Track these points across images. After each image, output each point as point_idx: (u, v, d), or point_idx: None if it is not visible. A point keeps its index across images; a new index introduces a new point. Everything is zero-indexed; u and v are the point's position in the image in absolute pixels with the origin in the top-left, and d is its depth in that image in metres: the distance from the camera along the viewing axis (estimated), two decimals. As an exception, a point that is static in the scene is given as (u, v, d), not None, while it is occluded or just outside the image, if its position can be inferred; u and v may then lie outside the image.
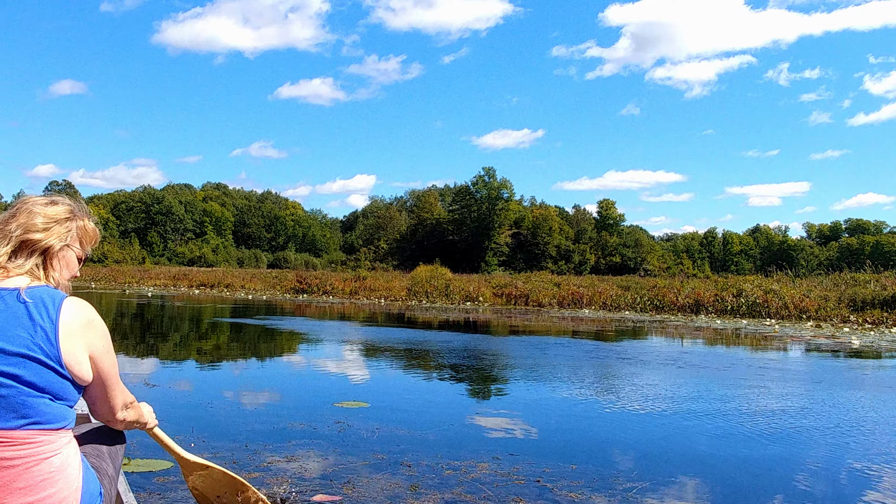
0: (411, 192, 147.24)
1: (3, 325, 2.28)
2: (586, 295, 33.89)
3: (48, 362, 2.29)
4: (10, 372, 2.24)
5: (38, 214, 2.55)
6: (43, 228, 2.53)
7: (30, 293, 2.36)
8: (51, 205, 2.62)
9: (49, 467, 2.29)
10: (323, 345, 15.09)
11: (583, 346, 15.96)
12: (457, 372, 11.32)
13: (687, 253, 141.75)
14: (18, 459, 2.24)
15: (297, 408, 7.82)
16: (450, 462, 5.61)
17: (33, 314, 2.31)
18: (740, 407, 8.50)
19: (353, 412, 7.52)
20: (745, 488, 5.19)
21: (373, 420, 7.14)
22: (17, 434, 2.24)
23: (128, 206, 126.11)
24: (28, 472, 2.25)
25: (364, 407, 7.86)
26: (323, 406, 7.88)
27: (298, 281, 43.73)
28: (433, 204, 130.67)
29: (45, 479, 2.28)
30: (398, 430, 6.72)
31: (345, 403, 7.99)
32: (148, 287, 47.82)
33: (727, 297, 29.72)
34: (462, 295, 36.47)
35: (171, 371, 10.83)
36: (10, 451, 2.23)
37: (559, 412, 8.01)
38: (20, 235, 2.49)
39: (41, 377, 2.28)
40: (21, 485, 2.23)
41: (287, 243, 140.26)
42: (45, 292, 2.39)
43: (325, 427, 6.74)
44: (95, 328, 2.47)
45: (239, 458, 5.57)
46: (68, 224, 2.62)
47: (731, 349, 15.92)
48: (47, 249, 2.53)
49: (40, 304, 2.34)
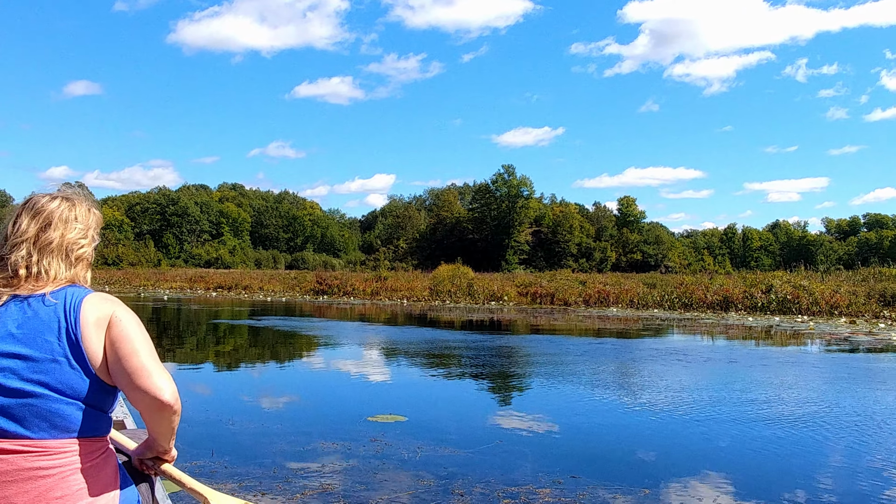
0: (430, 190, 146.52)
1: (30, 332, 2.24)
2: (613, 293, 33.25)
3: (76, 365, 2.24)
4: (39, 379, 2.20)
5: (74, 222, 2.51)
6: (83, 237, 2.52)
7: (55, 295, 2.33)
8: (76, 207, 2.56)
9: (86, 476, 2.25)
10: (349, 350, 14.42)
11: (624, 347, 15.22)
12: (496, 379, 10.65)
13: (708, 249, 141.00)
14: (54, 469, 2.19)
15: (327, 424, 7.08)
16: (505, 489, 4.97)
17: (59, 317, 2.28)
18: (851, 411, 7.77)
19: (389, 428, 6.84)
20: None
21: (412, 437, 6.46)
22: (52, 443, 2.20)
23: (143, 208, 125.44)
24: (64, 481, 2.20)
25: (401, 421, 7.17)
26: (356, 421, 7.17)
27: (318, 282, 43.09)
28: (453, 202, 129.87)
29: (81, 488, 2.23)
30: (441, 448, 6.04)
31: (379, 417, 7.30)
32: (164, 290, 47.17)
33: (756, 293, 29.03)
34: (486, 294, 35.84)
35: (188, 383, 10.11)
36: (45, 460, 2.18)
37: (619, 424, 7.32)
38: (64, 249, 2.46)
39: (70, 383, 2.23)
40: (58, 494, 2.18)
41: (305, 244, 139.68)
42: (68, 293, 2.35)
43: (360, 447, 6.05)
44: (117, 318, 2.35)
45: (268, 486, 4.95)
46: (95, 224, 2.62)
47: (784, 348, 15.19)
48: (83, 255, 2.52)
49: (64, 306, 2.30)
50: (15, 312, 2.30)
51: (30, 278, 2.38)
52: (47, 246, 2.43)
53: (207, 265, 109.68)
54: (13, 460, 2.17)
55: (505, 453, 5.98)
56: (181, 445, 5.19)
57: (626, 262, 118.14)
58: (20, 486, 2.18)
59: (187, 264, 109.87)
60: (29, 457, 2.18)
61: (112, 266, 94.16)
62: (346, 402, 8.47)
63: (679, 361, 12.62)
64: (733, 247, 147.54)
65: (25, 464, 2.18)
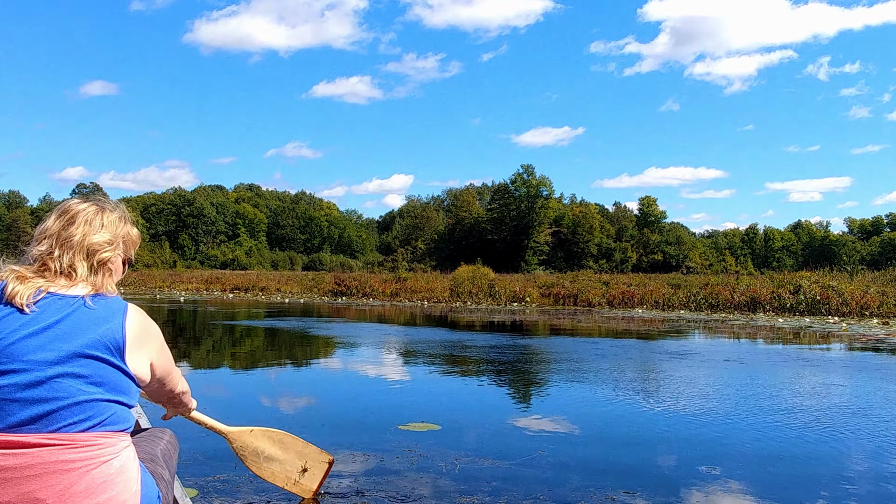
0: (449, 191, 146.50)
1: (71, 328, 2.30)
2: (637, 294, 32.79)
3: (116, 362, 2.33)
4: (78, 373, 2.25)
5: (100, 227, 2.59)
6: (107, 242, 2.58)
7: (95, 301, 2.40)
8: (105, 213, 2.65)
9: (109, 469, 2.28)
10: (372, 353, 13.97)
11: (658, 349, 14.73)
12: (528, 384, 10.18)
13: (729, 250, 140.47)
14: (79, 462, 2.22)
15: (356, 433, 6.58)
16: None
17: (100, 317, 2.35)
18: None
19: (422, 437, 6.35)
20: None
21: (448, 447, 5.99)
22: (80, 436, 2.24)
23: (158, 209, 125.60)
24: (89, 474, 2.23)
25: (434, 430, 6.68)
26: (386, 430, 6.67)
27: (337, 283, 42.64)
28: (471, 203, 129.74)
29: (105, 481, 2.27)
30: (480, 460, 5.57)
31: (411, 426, 6.80)
32: (180, 291, 46.69)
33: (784, 294, 28.53)
34: (508, 295, 35.35)
35: (206, 388, 9.69)
36: (71, 453, 2.22)
37: (673, 433, 6.81)
38: (85, 248, 2.51)
39: (108, 379, 2.31)
40: (81, 487, 2.22)
41: (322, 245, 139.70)
42: (109, 300, 2.44)
43: (393, 458, 5.59)
44: (154, 335, 2.54)
45: (297, 501, 4.52)
46: (124, 235, 2.70)
47: (817, 351, 14.64)
48: (108, 261, 2.57)
49: (106, 311, 2.39)
50: (55, 309, 2.34)
51: (59, 275, 2.44)
52: (68, 242, 2.50)
53: (223, 266, 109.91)
54: (38, 454, 2.20)
55: (549, 465, 5.50)
56: (203, 457, 4.70)
57: (646, 262, 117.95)
58: (44, 480, 2.20)
59: (203, 265, 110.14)
60: (54, 450, 2.20)
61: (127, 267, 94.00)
62: (374, 409, 7.98)
63: (741, 364, 12.15)
64: (755, 247, 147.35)
65: (50, 457, 2.20)
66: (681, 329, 20.21)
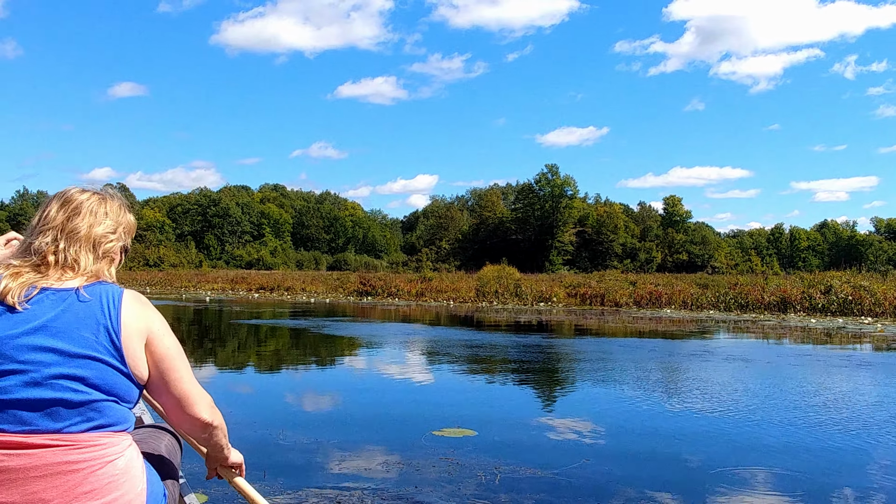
0: (473, 191, 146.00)
1: (66, 327, 2.24)
2: (664, 294, 32.38)
3: (113, 362, 2.26)
4: (75, 374, 2.19)
5: (104, 217, 2.54)
6: (111, 232, 2.54)
7: (89, 290, 2.33)
8: (107, 202, 2.59)
9: (114, 470, 2.24)
10: (401, 354, 13.73)
11: (693, 350, 14.36)
12: (563, 387, 9.93)
13: (755, 250, 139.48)
14: (83, 463, 2.18)
15: (388, 439, 6.33)
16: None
17: (95, 313, 2.28)
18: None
19: (458, 444, 6.08)
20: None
21: (486, 454, 5.72)
22: (83, 437, 2.20)
23: (184, 209, 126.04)
24: (93, 475, 2.19)
25: (470, 436, 6.41)
26: (420, 436, 6.40)
27: (362, 283, 42.47)
28: (495, 203, 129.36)
29: (110, 481, 2.22)
30: (522, 469, 5.30)
31: (446, 431, 6.54)
32: (205, 291, 46.72)
33: (815, 294, 28.15)
34: (534, 295, 35.04)
35: (232, 391, 9.50)
36: (75, 454, 2.17)
37: (723, 440, 6.50)
38: (91, 240, 2.46)
39: (107, 378, 2.25)
40: (87, 488, 2.17)
41: (347, 245, 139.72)
42: (103, 289, 2.36)
43: (430, 466, 5.33)
44: (153, 319, 2.41)
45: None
46: (125, 224, 2.63)
47: (853, 351, 14.25)
48: (111, 251, 2.53)
49: (100, 302, 2.31)
50: (48, 305, 2.27)
51: (58, 266, 2.38)
52: (74, 234, 2.43)
53: (249, 266, 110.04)
54: (42, 454, 2.15)
55: (595, 475, 5.22)
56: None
57: (671, 262, 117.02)
58: (49, 481, 2.15)
59: (228, 265, 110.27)
60: (58, 451, 2.16)
61: (153, 267, 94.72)
62: (407, 414, 7.71)
63: (797, 365, 11.78)
64: (780, 247, 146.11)
65: (54, 458, 2.16)
66: (713, 330, 19.85)
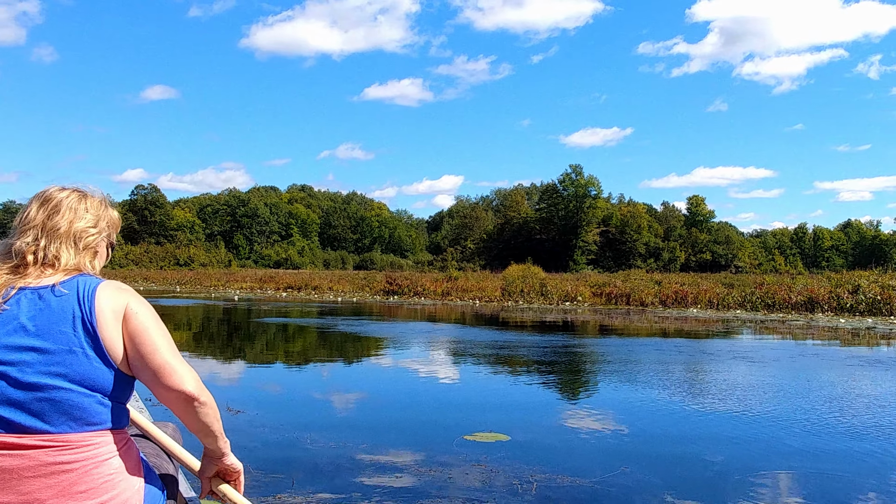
0: (497, 191, 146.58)
1: (44, 324, 2.21)
2: (690, 293, 32.13)
3: (93, 356, 2.22)
4: (56, 372, 2.17)
5: (84, 213, 2.52)
6: (93, 226, 2.51)
7: (65, 285, 2.30)
8: (87, 199, 2.57)
9: (109, 469, 2.23)
10: (428, 355, 13.59)
11: (728, 350, 14.16)
12: (597, 389, 9.75)
13: (778, 249, 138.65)
14: (77, 463, 2.17)
15: (419, 444, 6.18)
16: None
17: (73, 307, 2.25)
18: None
19: (491, 449, 5.94)
20: None
21: (519, 461, 5.57)
22: (74, 437, 2.18)
23: (213, 210, 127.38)
24: (88, 475, 2.19)
25: (503, 441, 6.26)
26: (451, 440, 6.26)
27: (388, 282, 42.47)
28: (520, 203, 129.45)
29: (106, 481, 2.22)
30: (559, 477, 5.15)
31: (478, 436, 6.39)
32: (234, 290, 46.84)
33: (843, 294, 27.84)
34: (560, 295, 34.88)
35: (260, 391, 9.41)
36: (68, 454, 2.17)
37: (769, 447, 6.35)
38: (72, 235, 2.44)
39: (89, 374, 2.21)
40: (82, 488, 2.17)
41: (373, 245, 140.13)
42: (80, 281, 2.32)
43: (463, 474, 5.19)
44: (129, 298, 2.35)
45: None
46: (107, 218, 2.61)
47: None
48: (93, 245, 2.51)
49: (76, 295, 2.27)
50: (26, 305, 2.25)
51: (37, 265, 2.35)
52: (55, 231, 2.42)
53: (277, 266, 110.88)
54: (35, 455, 2.15)
55: (636, 484, 5.05)
56: (257, 472, 4.35)
57: (695, 262, 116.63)
58: (43, 482, 2.15)
59: (257, 265, 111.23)
60: (51, 451, 2.15)
61: (184, 267, 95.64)
62: (436, 417, 7.59)
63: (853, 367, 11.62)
64: (804, 247, 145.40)
65: (48, 458, 2.15)
66: (742, 330, 19.58)
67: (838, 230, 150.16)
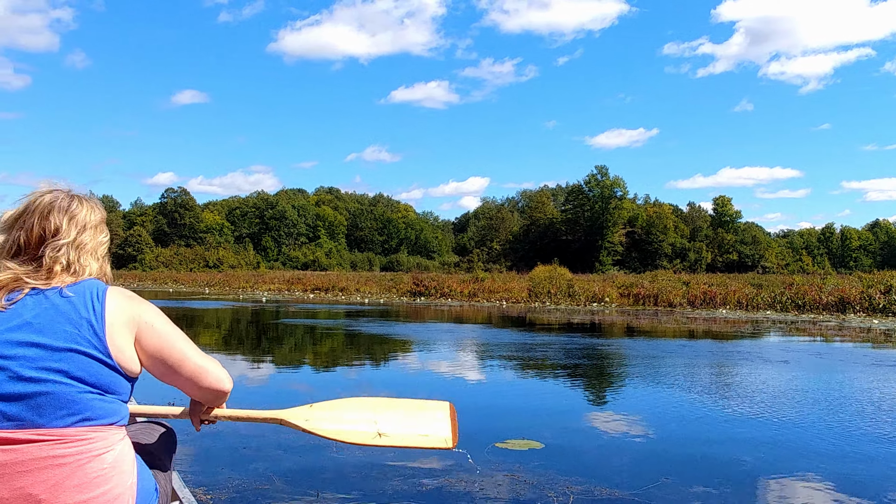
0: (523, 192, 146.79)
1: (47, 321, 2.24)
2: (719, 294, 31.85)
3: (96, 354, 2.25)
4: (57, 367, 2.19)
5: (102, 225, 2.58)
6: (106, 237, 2.58)
7: (73, 289, 2.32)
8: (95, 210, 2.58)
9: (102, 464, 2.23)
10: (456, 356, 13.45)
11: (766, 352, 13.89)
12: (631, 393, 9.50)
13: (805, 250, 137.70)
14: (70, 457, 2.18)
15: (449, 452, 5.98)
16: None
17: (78, 308, 2.28)
18: None
19: (524, 457, 5.75)
20: None
21: (554, 470, 5.37)
22: (68, 431, 2.19)
23: (242, 212, 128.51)
24: (81, 469, 2.20)
25: (536, 448, 6.06)
26: (483, 448, 6.04)
27: (415, 283, 42.33)
28: (546, 204, 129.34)
29: (98, 476, 2.22)
30: (596, 488, 4.94)
31: (510, 443, 6.19)
32: (262, 292, 46.97)
33: (875, 294, 27.55)
34: (587, 296, 34.70)
35: (288, 391, 9.32)
36: (61, 448, 2.18)
37: (824, 459, 6.14)
38: (94, 249, 2.49)
39: (89, 371, 2.23)
40: (74, 482, 2.18)
41: (399, 246, 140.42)
42: (87, 285, 2.36)
43: (496, 484, 5.00)
44: (141, 309, 2.39)
45: None
46: (103, 218, 2.62)
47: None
48: (98, 249, 2.53)
49: (83, 298, 2.30)
50: (31, 303, 2.28)
51: (47, 269, 2.36)
52: (82, 246, 2.45)
53: (304, 267, 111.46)
54: (27, 450, 2.16)
55: (678, 496, 4.83)
56: (283, 479, 4.20)
57: (721, 262, 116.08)
58: (36, 476, 2.16)
59: (285, 266, 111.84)
60: (44, 446, 2.16)
61: (213, 269, 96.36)
62: (466, 423, 7.40)
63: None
64: (831, 247, 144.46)
65: (40, 453, 2.16)
66: (774, 331, 19.24)
67: (866, 230, 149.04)
